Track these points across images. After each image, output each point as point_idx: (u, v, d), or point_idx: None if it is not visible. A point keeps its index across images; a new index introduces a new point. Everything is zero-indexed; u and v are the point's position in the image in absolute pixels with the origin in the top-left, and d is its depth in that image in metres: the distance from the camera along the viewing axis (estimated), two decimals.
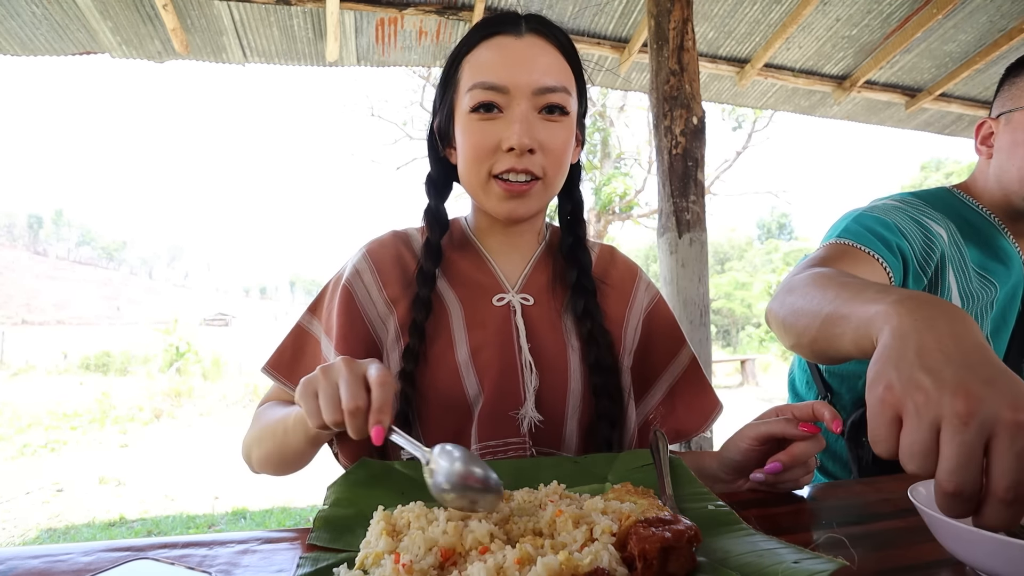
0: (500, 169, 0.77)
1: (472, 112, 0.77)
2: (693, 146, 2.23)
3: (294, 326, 0.89)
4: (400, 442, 0.56)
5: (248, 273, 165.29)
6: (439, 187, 0.88)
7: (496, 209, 0.81)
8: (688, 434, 0.89)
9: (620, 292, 0.92)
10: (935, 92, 3.53)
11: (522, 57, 0.76)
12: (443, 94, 0.84)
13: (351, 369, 0.58)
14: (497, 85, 0.75)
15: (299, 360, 0.86)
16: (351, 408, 0.55)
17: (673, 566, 0.44)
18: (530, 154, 0.76)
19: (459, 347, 0.81)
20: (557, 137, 0.78)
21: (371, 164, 15.32)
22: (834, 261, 0.92)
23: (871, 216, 1.01)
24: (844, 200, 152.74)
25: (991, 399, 0.41)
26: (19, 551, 0.55)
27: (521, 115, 0.75)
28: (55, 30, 2.58)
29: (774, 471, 0.69)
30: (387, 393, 0.57)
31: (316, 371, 0.60)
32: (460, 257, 0.89)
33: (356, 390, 0.56)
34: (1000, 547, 0.44)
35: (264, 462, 0.80)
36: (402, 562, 0.44)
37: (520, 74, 0.75)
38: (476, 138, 0.77)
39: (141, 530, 3.86)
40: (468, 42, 0.80)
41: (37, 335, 30.51)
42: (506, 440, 0.78)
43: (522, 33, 0.78)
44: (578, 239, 0.89)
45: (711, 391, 0.93)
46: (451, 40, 2.98)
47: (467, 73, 0.79)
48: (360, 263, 0.87)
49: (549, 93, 0.76)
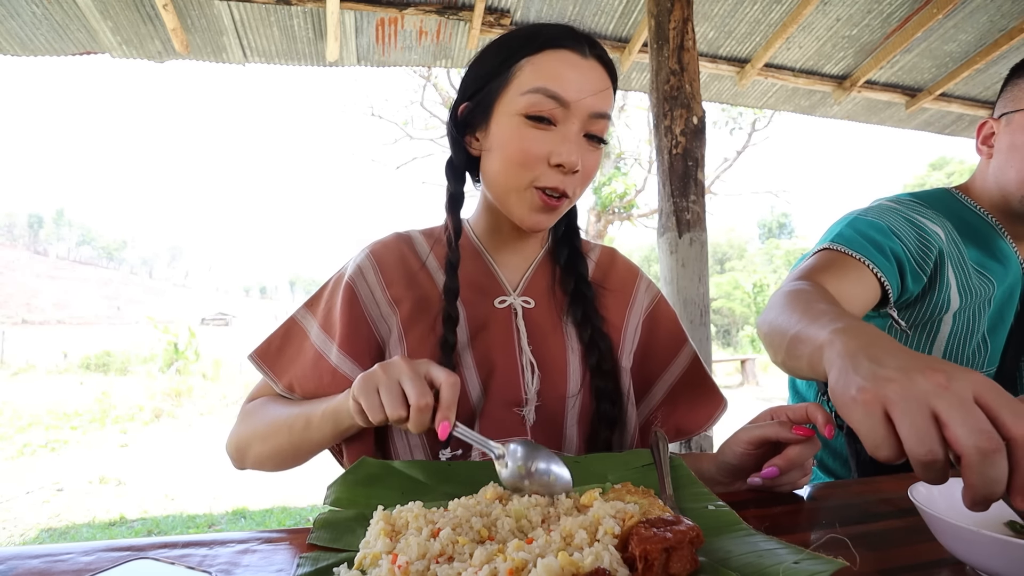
0: (545, 183, 0.77)
1: (527, 117, 0.76)
2: (693, 146, 2.23)
3: (287, 319, 0.89)
4: (466, 438, 0.61)
5: (248, 273, 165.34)
6: (459, 173, 0.87)
7: (524, 218, 0.80)
8: (691, 432, 0.89)
9: (620, 295, 0.93)
10: (935, 92, 3.52)
11: (588, 78, 0.77)
12: (484, 83, 0.80)
13: (413, 368, 0.62)
14: (562, 97, 0.75)
15: (284, 352, 0.86)
16: (421, 404, 0.59)
17: (675, 567, 0.44)
18: (573, 175, 0.78)
19: (462, 348, 0.82)
20: (595, 163, 0.81)
21: (371, 164, 15.33)
22: (823, 270, 0.93)
23: (865, 220, 1.01)
24: (845, 200, 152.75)
25: (951, 370, 0.45)
26: (19, 551, 0.55)
27: (575, 134, 0.76)
28: (55, 30, 2.58)
29: (771, 476, 0.69)
30: (455, 392, 0.61)
31: (375, 368, 0.63)
32: (464, 259, 0.89)
33: (423, 387, 0.60)
34: (1000, 547, 0.44)
35: (265, 458, 0.80)
36: (399, 563, 0.45)
37: (584, 93, 0.76)
38: (527, 144, 0.76)
39: (141, 530, 3.86)
40: (530, 43, 0.78)
41: (37, 335, 30.53)
42: (507, 440, 0.78)
43: (587, 55, 0.78)
44: (574, 248, 0.90)
45: (715, 389, 0.93)
46: (451, 40, 2.97)
47: (529, 74, 0.76)
48: (364, 262, 0.87)
49: (601, 119, 0.78)
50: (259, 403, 0.86)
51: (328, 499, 0.62)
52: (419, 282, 0.86)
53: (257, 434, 0.81)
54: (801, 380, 1.26)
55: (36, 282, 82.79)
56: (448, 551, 0.48)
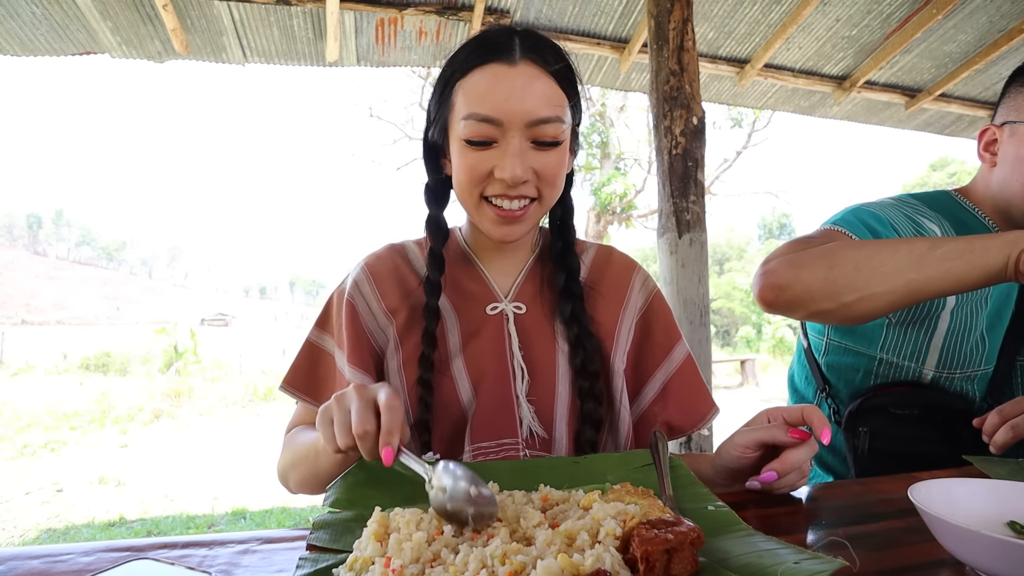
0: (492, 192, 0.79)
1: (467, 142, 0.77)
2: (693, 146, 2.23)
3: (304, 342, 0.92)
4: (408, 463, 0.59)
5: (248, 273, 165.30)
6: (438, 196, 0.90)
7: (490, 231, 0.82)
8: (682, 431, 0.90)
9: (613, 296, 0.93)
10: (935, 92, 3.53)
11: (515, 88, 0.75)
12: (437, 109, 0.83)
13: (361, 395, 0.61)
14: (491, 117, 0.75)
15: (314, 375, 0.90)
16: (360, 432, 0.58)
17: (676, 568, 0.44)
18: (523, 184, 0.78)
19: (454, 355, 0.84)
20: (550, 164, 0.78)
21: (371, 164, 15.34)
22: (826, 243, 0.96)
23: (866, 210, 1.06)
24: (845, 200, 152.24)
25: None
26: (19, 551, 0.55)
27: (514, 149, 0.75)
28: (55, 30, 2.58)
29: (769, 480, 0.69)
30: (395, 417, 0.59)
31: (332, 398, 0.63)
32: (455, 267, 0.91)
33: (365, 415, 0.59)
34: (1000, 547, 0.44)
35: (302, 484, 0.82)
36: (392, 567, 0.45)
37: (513, 106, 0.74)
38: (469, 163, 0.78)
39: (141, 530, 3.86)
40: (463, 65, 0.78)
41: (37, 335, 30.52)
42: (499, 442, 0.80)
43: (516, 61, 0.76)
44: (567, 244, 0.90)
45: (706, 393, 0.93)
46: (451, 40, 2.97)
47: (461, 99, 0.77)
48: (359, 276, 0.89)
49: (543, 124, 0.76)
50: (295, 432, 0.88)
51: (328, 500, 0.62)
52: (413, 292, 0.88)
53: (291, 463, 0.83)
54: (800, 378, 1.27)
55: (35, 282, 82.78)
56: (442, 556, 0.48)
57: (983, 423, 0.92)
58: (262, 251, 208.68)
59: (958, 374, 1.04)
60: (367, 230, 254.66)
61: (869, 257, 0.85)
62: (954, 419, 1.01)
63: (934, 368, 1.04)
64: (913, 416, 1.03)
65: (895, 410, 1.04)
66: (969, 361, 1.04)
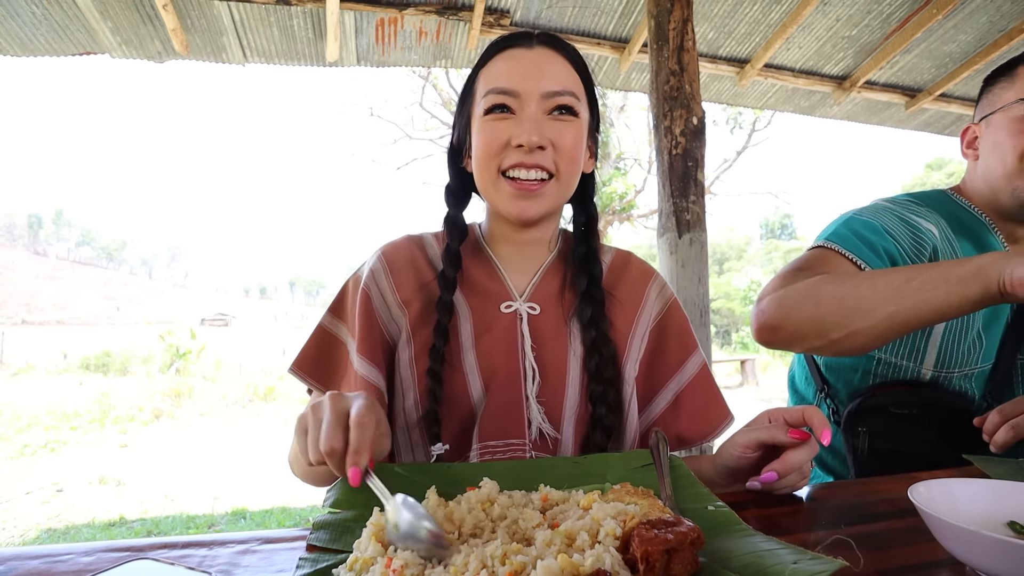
0: (508, 163, 0.80)
1: (486, 115, 0.81)
2: (693, 146, 2.23)
3: (316, 327, 0.92)
4: (373, 487, 0.55)
5: (248, 273, 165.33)
6: (458, 197, 0.92)
7: (508, 208, 0.83)
8: (691, 442, 0.89)
9: (629, 303, 0.93)
10: (935, 92, 3.53)
11: (532, 64, 0.81)
12: (461, 108, 0.89)
13: (334, 408, 0.57)
14: (508, 89, 0.80)
15: (324, 361, 0.89)
16: (326, 450, 0.54)
17: (676, 568, 0.44)
18: (540, 151, 0.79)
19: (466, 351, 0.83)
20: (567, 135, 0.81)
21: (371, 164, 15.34)
22: (816, 268, 0.96)
23: (860, 220, 1.05)
24: (845, 200, 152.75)
25: None
26: (19, 551, 0.55)
27: (530, 115, 0.79)
28: (55, 30, 2.58)
29: (769, 481, 0.69)
30: (364, 435, 0.55)
31: (308, 408, 0.60)
32: (472, 264, 0.91)
33: (334, 432, 0.55)
34: (1000, 547, 0.44)
35: (303, 478, 0.82)
36: (392, 567, 0.45)
37: (530, 79, 0.80)
38: (488, 135, 0.81)
39: (141, 530, 3.86)
40: (484, 58, 0.86)
41: (37, 335, 30.52)
42: (507, 441, 0.80)
43: (533, 45, 0.83)
44: (591, 249, 0.90)
45: (722, 402, 0.93)
46: (451, 40, 2.98)
47: (482, 83, 0.84)
48: (376, 265, 0.89)
49: (558, 96, 0.80)
50: None
51: (328, 500, 0.62)
52: (428, 284, 0.88)
53: (292, 455, 0.82)
54: (800, 378, 1.27)
55: (35, 282, 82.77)
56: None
57: (983, 422, 0.92)
58: (262, 251, 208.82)
59: (956, 373, 1.04)
60: (367, 230, 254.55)
61: (850, 293, 0.85)
62: (953, 418, 1.01)
63: (932, 367, 1.04)
64: (912, 415, 1.03)
65: (894, 409, 1.04)
66: (967, 359, 1.04)
